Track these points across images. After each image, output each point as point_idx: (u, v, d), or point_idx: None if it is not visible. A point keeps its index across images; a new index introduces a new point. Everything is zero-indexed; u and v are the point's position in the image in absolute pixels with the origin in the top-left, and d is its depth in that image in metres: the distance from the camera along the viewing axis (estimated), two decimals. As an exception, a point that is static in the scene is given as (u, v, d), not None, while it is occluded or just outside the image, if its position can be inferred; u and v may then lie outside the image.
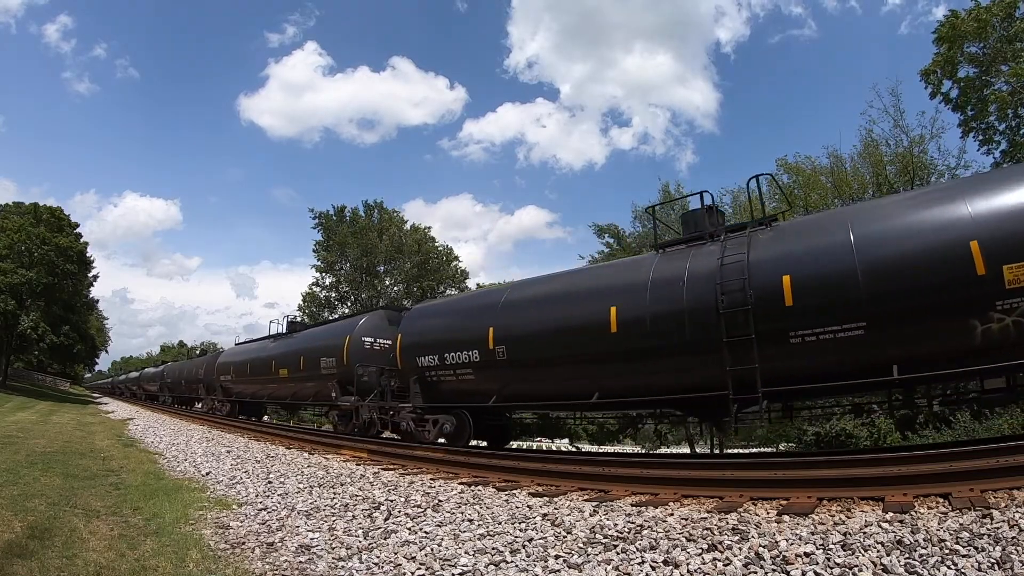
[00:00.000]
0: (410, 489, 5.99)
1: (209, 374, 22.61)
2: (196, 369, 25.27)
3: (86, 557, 3.64)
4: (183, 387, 27.12)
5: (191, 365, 27.21)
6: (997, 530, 3.05)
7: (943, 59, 18.72)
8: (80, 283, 36.58)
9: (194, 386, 24.77)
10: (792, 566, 2.89)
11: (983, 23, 17.37)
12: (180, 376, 28.15)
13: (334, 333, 14.43)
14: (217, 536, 4.35)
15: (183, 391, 27.27)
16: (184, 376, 27.23)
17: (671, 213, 28.65)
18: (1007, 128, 18.13)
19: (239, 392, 19.98)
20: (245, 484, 6.70)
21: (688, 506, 4.53)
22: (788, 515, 3.87)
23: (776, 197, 23.57)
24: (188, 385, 26.06)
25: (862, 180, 20.39)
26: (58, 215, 33.75)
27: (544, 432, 27.02)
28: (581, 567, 3.21)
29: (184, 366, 28.91)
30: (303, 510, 5.19)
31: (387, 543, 3.98)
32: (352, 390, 12.64)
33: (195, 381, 24.45)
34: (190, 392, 25.63)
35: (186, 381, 26.60)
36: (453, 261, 39.08)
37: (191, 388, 25.43)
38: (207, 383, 22.78)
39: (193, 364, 27.13)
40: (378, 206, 38.86)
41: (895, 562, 2.78)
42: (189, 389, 25.88)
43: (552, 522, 4.22)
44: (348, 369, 12.79)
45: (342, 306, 37.35)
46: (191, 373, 25.88)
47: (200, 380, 23.80)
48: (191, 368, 26.61)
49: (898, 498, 3.93)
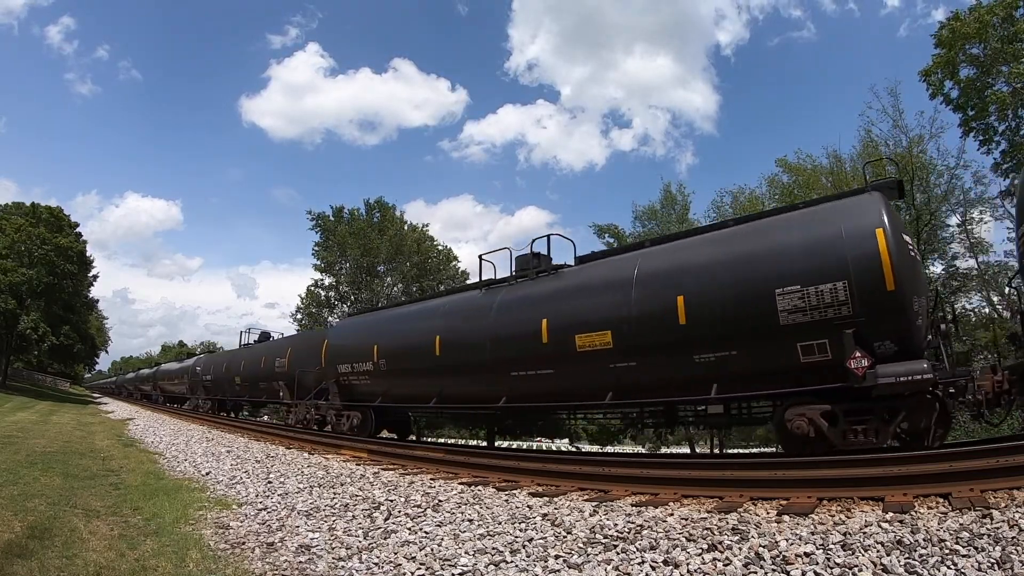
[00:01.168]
0: (410, 489, 5.99)
1: (303, 364, 15.15)
2: (267, 359, 17.70)
3: (86, 557, 3.64)
4: (237, 388, 20.13)
5: (252, 354, 19.57)
6: (997, 530, 3.05)
7: (943, 60, 18.74)
8: (80, 283, 36.59)
9: (265, 387, 17.68)
10: (792, 566, 2.89)
11: (984, 24, 17.38)
12: (232, 371, 20.73)
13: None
14: (217, 536, 4.35)
15: (237, 393, 20.46)
16: (242, 371, 19.78)
17: (671, 214, 28.75)
18: (1007, 128, 18.14)
19: (390, 393, 11.26)
20: (245, 484, 6.70)
21: (688, 506, 4.53)
22: (788, 515, 3.88)
23: (776, 198, 23.67)
24: (250, 384, 18.94)
25: (862, 181, 20.37)
26: (58, 215, 33.76)
27: (544, 432, 27.04)
28: (581, 567, 3.21)
29: (237, 357, 21.24)
30: (303, 510, 5.19)
31: (387, 543, 3.98)
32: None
33: (268, 378, 17.30)
34: (255, 395, 18.93)
35: (246, 379, 19.31)
36: (453, 261, 39.08)
37: (258, 389, 18.35)
38: (306, 381, 14.52)
39: (257, 352, 19.29)
40: (379, 204, 38.84)
41: (895, 562, 2.78)
42: (251, 390, 18.99)
43: (552, 522, 4.22)
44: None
45: (342, 306, 37.33)
46: (255, 366, 18.54)
47: (281, 377, 16.45)
48: (253, 358, 19.09)
49: (898, 498, 3.93)
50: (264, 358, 18.03)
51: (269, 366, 17.38)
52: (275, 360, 17.10)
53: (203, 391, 24.19)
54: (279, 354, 17.08)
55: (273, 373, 16.96)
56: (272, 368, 17.10)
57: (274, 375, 16.89)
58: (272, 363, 17.20)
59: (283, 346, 17.53)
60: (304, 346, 16.44)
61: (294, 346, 16.82)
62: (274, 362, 17.09)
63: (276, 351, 17.56)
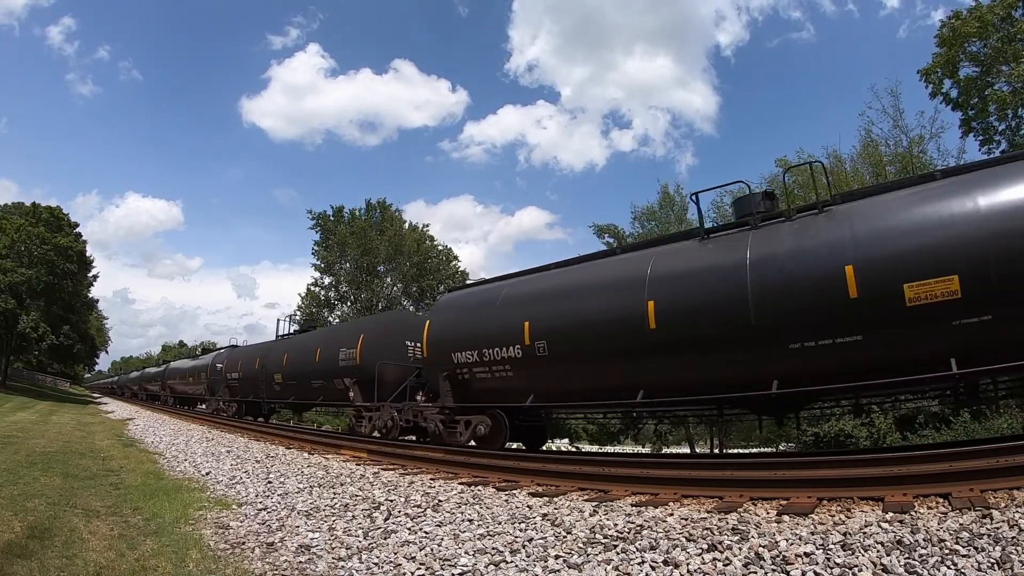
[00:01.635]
0: (410, 489, 5.99)
1: (382, 355, 12.26)
2: (326, 350, 14.06)
3: (86, 557, 3.64)
4: (277, 388, 16.63)
5: (301, 346, 16.03)
6: (997, 530, 3.05)
7: (944, 59, 18.75)
8: (80, 283, 36.58)
9: (322, 386, 14.29)
10: (792, 566, 2.89)
11: (984, 23, 17.39)
12: (270, 367, 16.95)
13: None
14: (217, 536, 4.35)
15: (277, 394, 16.86)
16: (285, 366, 16.06)
17: (670, 214, 28.76)
18: (1007, 128, 18.15)
19: (549, 388, 8.60)
20: (245, 484, 6.70)
21: (688, 506, 4.53)
22: (788, 515, 3.88)
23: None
24: (298, 383, 15.42)
25: (862, 180, 20.42)
26: (57, 215, 33.78)
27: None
28: (581, 567, 3.21)
29: (277, 349, 17.15)
30: (303, 510, 5.19)
31: (387, 543, 3.98)
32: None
33: (328, 375, 13.83)
34: (303, 396, 15.43)
35: (292, 376, 15.72)
36: (452, 261, 39.10)
37: (309, 389, 14.88)
38: (388, 377, 11.99)
39: (308, 342, 15.75)
40: (380, 204, 38.89)
41: (895, 562, 2.78)
42: (300, 390, 15.51)
43: (552, 522, 4.22)
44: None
45: (342, 306, 37.36)
46: (305, 359, 15.01)
47: (348, 373, 13.00)
48: (303, 350, 15.56)
49: (898, 498, 3.93)
50: (319, 350, 14.41)
51: (329, 359, 13.79)
52: (339, 351, 13.41)
53: (227, 392, 20.50)
54: (345, 343, 13.42)
55: (336, 368, 13.40)
56: (334, 361, 13.50)
57: (337, 370, 13.35)
58: (334, 355, 13.58)
59: (351, 333, 13.81)
60: (382, 332, 13.14)
61: (369, 332, 13.09)
62: (337, 354, 13.45)
63: (339, 339, 13.92)
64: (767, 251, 6.56)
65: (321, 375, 14.16)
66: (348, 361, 13.08)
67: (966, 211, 5.52)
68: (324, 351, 14.25)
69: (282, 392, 16.58)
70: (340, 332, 15.38)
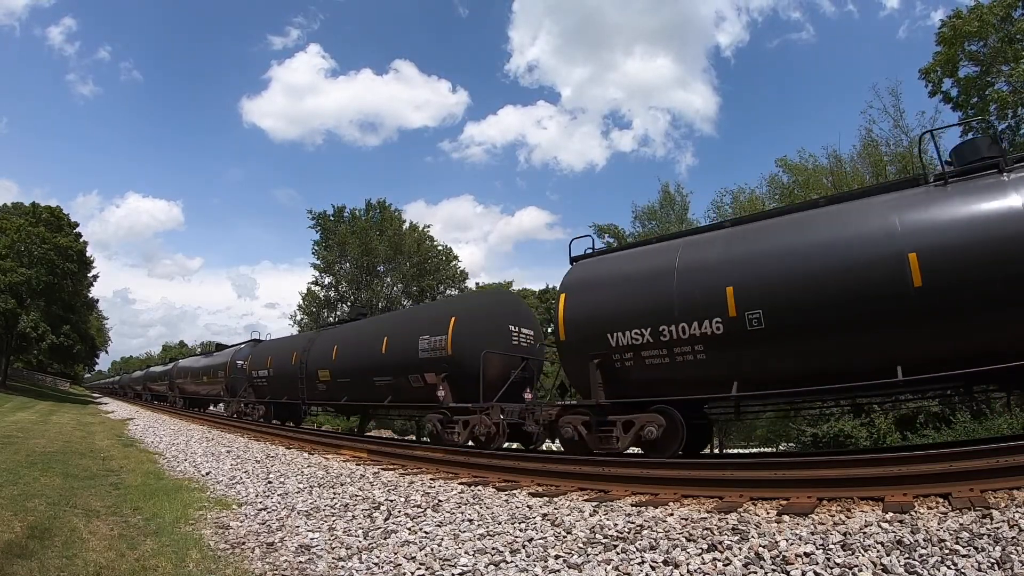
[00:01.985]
0: (410, 489, 5.99)
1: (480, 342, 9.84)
2: (400, 338, 11.25)
3: (86, 557, 3.64)
4: (322, 387, 13.66)
5: (361, 334, 13.14)
6: (997, 530, 3.05)
7: (944, 58, 18.75)
8: (80, 283, 36.58)
9: (389, 383, 11.39)
10: (792, 566, 2.89)
11: (985, 22, 17.40)
12: (313, 362, 14.06)
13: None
14: (217, 536, 4.35)
15: (322, 394, 13.86)
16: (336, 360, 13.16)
17: (671, 213, 28.76)
18: (1007, 128, 18.15)
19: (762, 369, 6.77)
20: (245, 484, 6.70)
21: (688, 506, 4.53)
22: (788, 515, 3.88)
23: (776, 198, 23.68)
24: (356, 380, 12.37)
25: (862, 180, 20.42)
26: (57, 214, 33.77)
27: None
28: (581, 567, 3.21)
29: (325, 341, 14.22)
30: (303, 510, 5.19)
31: (387, 543, 3.98)
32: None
33: (401, 369, 11.00)
34: (362, 396, 12.37)
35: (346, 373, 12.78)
36: (452, 261, 39.12)
37: (371, 387, 11.84)
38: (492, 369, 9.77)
39: (372, 329, 12.78)
40: (380, 204, 38.90)
41: (895, 562, 2.78)
42: (357, 388, 12.40)
43: (552, 522, 4.22)
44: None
45: (342, 305, 37.35)
46: (367, 351, 12.08)
47: (433, 366, 10.32)
48: (364, 338, 12.70)
49: (898, 498, 3.93)
50: (387, 339, 11.45)
51: (403, 350, 10.85)
52: (418, 340, 10.51)
53: (251, 392, 17.69)
54: (428, 328, 10.48)
55: (413, 360, 10.54)
56: (410, 352, 10.59)
57: (416, 364, 10.49)
58: (410, 345, 10.65)
59: (437, 316, 10.76)
60: (480, 313, 10.51)
61: (463, 314, 10.32)
62: (415, 343, 10.54)
63: (419, 324, 10.92)
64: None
65: (391, 370, 11.26)
66: (434, 351, 10.26)
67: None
68: (395, 340, 11.30)
69: (329, 392, 13.48)
70: (420, 316, 12.07)
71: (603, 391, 7.50)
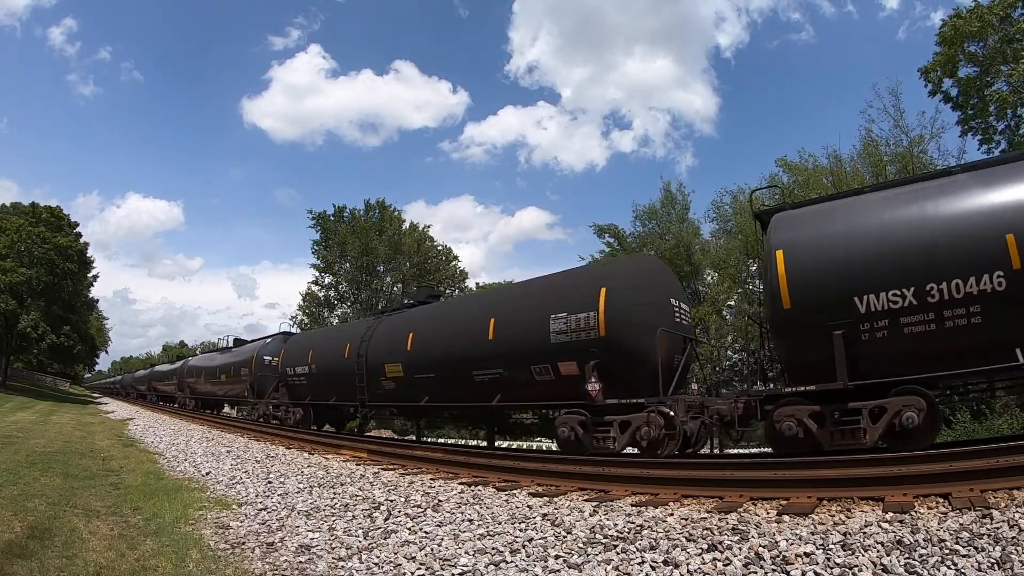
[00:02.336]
0: (410, 489, 5.99)
1: (643, 315, 7.99)
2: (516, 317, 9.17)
3: (86, 557, 3.64)
4: (390, 385, 11.23)
5: (452, 315, 11.21)
6: (997, 530, 3.05)
7: (944, 58, 18.77)
8: (80, 283, 36.60)
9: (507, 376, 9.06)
10: (792, 566, 2.89)
11: (985, 23, 17.41)
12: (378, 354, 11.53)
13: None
14: (217, 536, 4.35)
15: (388, 394, 11.46)
16: (414, 348, 10.72)
17: (671, 213, 28.76)
18: (1007, 128, 18.16)
19: None
20: (245, 484, 6.70)
21: (688, 506, 4.53)
22: (788, 515, 3.88)
23: (775, 198, 23.69)
24: (447, 375, 10.00)
25: (862, 180, 20.43)
26: (57, 214, 33.76)
27: (544, 432, 26.99)
28: (581, 567, 3.21)
29: (396, 328, 11.65)
30: (303, 510, 5.19)
31: (387, 543, 3.98)
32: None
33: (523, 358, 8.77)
34: (456, 395, 10.11)
35: (431, 366, 10.30)
36: (452, 261, 39.13)
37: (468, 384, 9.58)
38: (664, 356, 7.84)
39: (473, 307, 11.08)
40: (379, 204, 38.91)
41: (895, 562, 2.78)
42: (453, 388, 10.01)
43: (552, 522, 4.22)
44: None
45: (342, 305, 37.36)
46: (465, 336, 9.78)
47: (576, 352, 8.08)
48: (439, 323, 10.89)
49: (898, 498, 3.93)
50: (496, 320, 9.14)
51: (525, 333, 8.59)
52: (548, 320, 8.25)
53: (286, 392, 15.27)
54: (567, 303, 8.19)
55: (543, 345, 8.28)
56: (538, 336, 8.34)
57: (548, 350, 8.22)
58: (537, 326, 8.37)
59: (578, 288, 8.42)
60: (639, 282, 8.32)
61: (617, 285, 8.03)
62: (546, 323, 8.25)
63: (550, 299, 8.57)
64: None
65: (502, 361, 8.88)
66: (575, 333, 7.96)
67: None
68: (509, 322, 8.96)
69: (401, 391, 10.98)
70: (549, 290, 9.08)
71: (845, 372, 6.05)
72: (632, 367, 7.68)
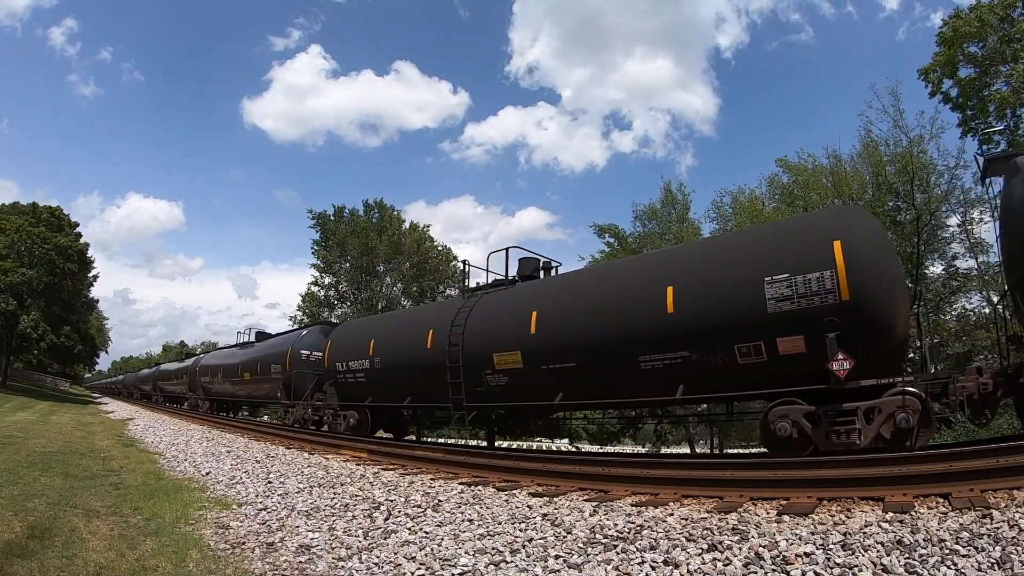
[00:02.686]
0: (410, 489, 5.99)
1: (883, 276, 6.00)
2: (709, 275, 6.95)
3: (86, 557, 3.64)
4: (499, 381, 8.94)
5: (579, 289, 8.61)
6: (997, 530, 3.05)
7: (943, 58, 18.77)
8: (80, 283, 36.62)
9: (682, 363, 6.89)
10: (792, 566, 2.89)
11: (984, 23, 17.42)
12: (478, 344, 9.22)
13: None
14: (217, 536, 4.35)
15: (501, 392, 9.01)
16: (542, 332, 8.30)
17: (672, 213, 28.74)
18: (1006, 128, 18.15)
19: None
20: (245, 484, 6.70)
21: (688, 506, 4.53)
22: (788, 515, 3.88)
23: (776, 198, 23.69)
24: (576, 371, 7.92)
25: (862, 180, 20.43)
26: (57, 215, 33.79)
27: (544, 432, 27.02)
28: (581, 567, 3.21)
29: (497, 305, 9.61)
30: (303, 510, 5.19)
31: (387, 543, 3.98)
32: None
33: (725, 334, 6.57)
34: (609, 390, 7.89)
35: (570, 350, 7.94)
36: (452, 261, 39.11)
37: (638, 375, 7.29)
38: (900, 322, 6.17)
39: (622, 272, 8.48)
40: (378, 204, 38.91)
41: (895, 562, 2.78)
42: (610, 378, 7.63)
43: (552, 522, 4.22)
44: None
45: (342, 306, 37.36)
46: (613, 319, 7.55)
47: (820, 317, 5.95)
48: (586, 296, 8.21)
49: (898, 498, 3.93)
50: (676, 288, 7.14)
51: (725, 301, 6.65)
52: (763, 284, 6.36)
53: (335, 393, 12.82)
54: (789, 262, 6.33)
55: (755, 317, 6.38)
56: (747, 304, 6.45)
57: (761, 322, 6.33)
58: (746, 292, 6.49)
59: (798, 239, 6.66)
60: (878, 232, 6.66)
61: (855, 235, 6.27)
62: (759, 288, 6.38)
63: (762, 257, 6.64)
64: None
65: (689, 340, 6.84)
66: (802, 298, 6.13)
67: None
68: (700, 288, 6.94)
69: (518, 387, 8.75)
70: (759, 245, 7.06)
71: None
72: (880, 339, 6.03)
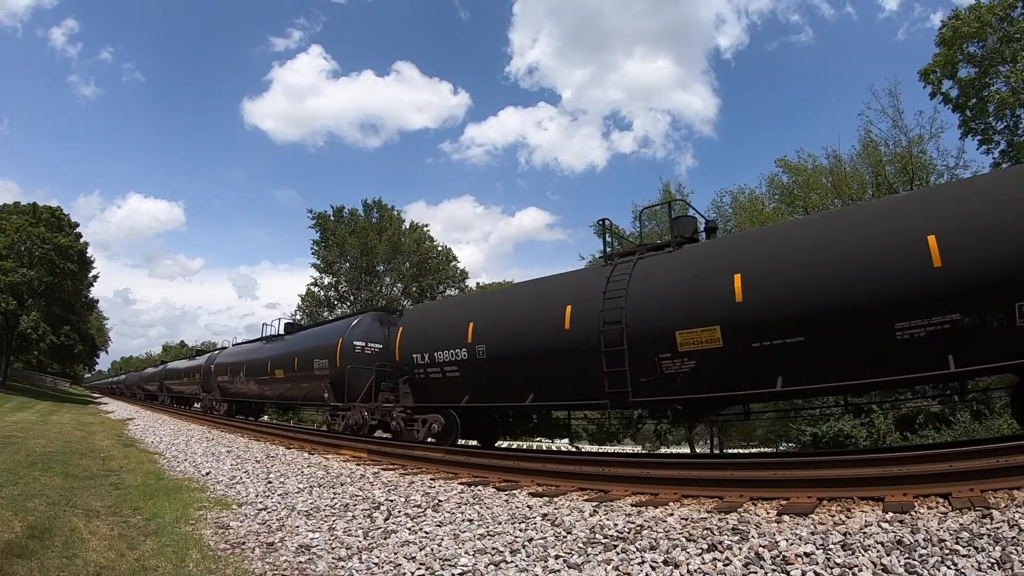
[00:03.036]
0: (410, 489, 5.99)
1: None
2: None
3: (86, 557, 3.64)
4: (690, 363, 6.83)
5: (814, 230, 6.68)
6: (997, 530, 3.05)
7: (943, 59, 18.78)
8: (80, 283, 36.60)
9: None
10: (792, 566, 2.89)
11: (984, 23, 17.43)
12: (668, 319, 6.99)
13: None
14: (217, 536, 4.35)
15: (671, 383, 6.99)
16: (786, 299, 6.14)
17: (672, 213, 28.72)
18: (1006, 128, 18.17)
19: None
20: (245, 484, 6.70)
21: (688, 506, 4.53)
22: (788, 515, 3.88)
23: (776, 198, 23.69)
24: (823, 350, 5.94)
25: (861, 180, 20.42)
26: (57, 215, 33.78)
27: (544, 432, 26.94)
28: (581, 567, 3.21)
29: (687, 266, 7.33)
30: (303, 510, 5.19)
31: (387, 543, 3.98)
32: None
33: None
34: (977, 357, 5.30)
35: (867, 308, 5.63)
36: (452, 261, 39.09)
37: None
38: None
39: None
40: (377, 204, 38.89)
41: (895, 562, 2.78)
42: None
43: (552, 522, 4.22)
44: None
45: (341, 305, 37.34)
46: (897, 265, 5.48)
47: None
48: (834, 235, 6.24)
49: (898, 498, 3.93)
50: (940, 234, 5.40)
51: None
52: None
53: (409, 394, 10.67)
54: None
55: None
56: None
57: None
58: None
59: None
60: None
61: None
62: None
63: None
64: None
65: (964, 297, 5.32)
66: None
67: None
68: (977, 234, 5.32)
69: (712, 372, 6.85)
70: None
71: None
72: None
